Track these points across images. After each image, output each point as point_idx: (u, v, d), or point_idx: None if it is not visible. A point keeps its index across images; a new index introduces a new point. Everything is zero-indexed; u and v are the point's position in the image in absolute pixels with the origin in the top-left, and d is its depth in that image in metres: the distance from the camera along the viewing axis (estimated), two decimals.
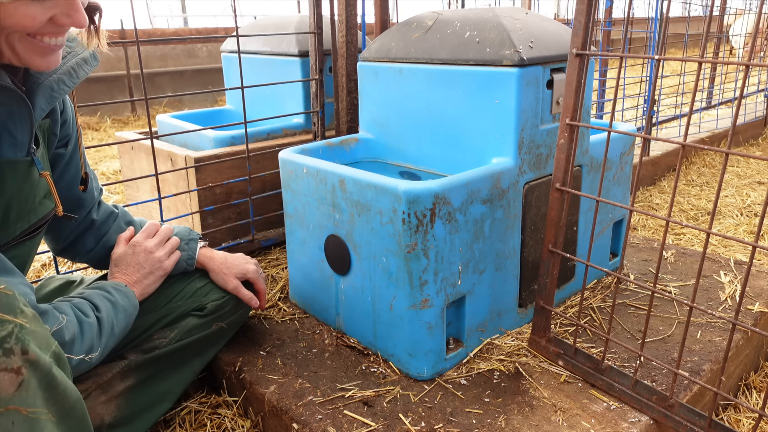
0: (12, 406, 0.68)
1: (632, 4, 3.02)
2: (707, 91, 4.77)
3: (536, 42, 1.35)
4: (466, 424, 1.15)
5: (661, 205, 2.94)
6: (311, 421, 1.17)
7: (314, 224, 1.45)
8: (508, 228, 1.39)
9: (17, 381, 0.69)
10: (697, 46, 9.66)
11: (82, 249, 1.33)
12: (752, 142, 4.37)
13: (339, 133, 2.13)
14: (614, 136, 1.64)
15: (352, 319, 1.44)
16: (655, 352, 1.38)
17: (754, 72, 5.85)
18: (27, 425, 0.69)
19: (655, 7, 3.29)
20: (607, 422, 1.14)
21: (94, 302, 1.11)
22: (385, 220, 1.24)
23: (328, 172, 1.36)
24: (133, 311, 1.20)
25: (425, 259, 1.22)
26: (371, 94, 1.63)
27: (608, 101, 3.77)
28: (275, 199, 2.05)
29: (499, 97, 1.33)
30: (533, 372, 1.31)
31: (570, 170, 1.26)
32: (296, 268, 1.58)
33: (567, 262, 1.58)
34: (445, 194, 1.21)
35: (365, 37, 2.22)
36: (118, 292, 1.18)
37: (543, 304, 1.34)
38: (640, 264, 1.86)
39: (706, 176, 3.42)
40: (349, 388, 1.27)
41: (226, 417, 1.36)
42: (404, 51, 1.51)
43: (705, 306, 1.55)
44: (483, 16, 1.41)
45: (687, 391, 1.23)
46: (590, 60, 1.27)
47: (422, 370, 1.29)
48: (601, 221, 1.69)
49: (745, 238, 2.51)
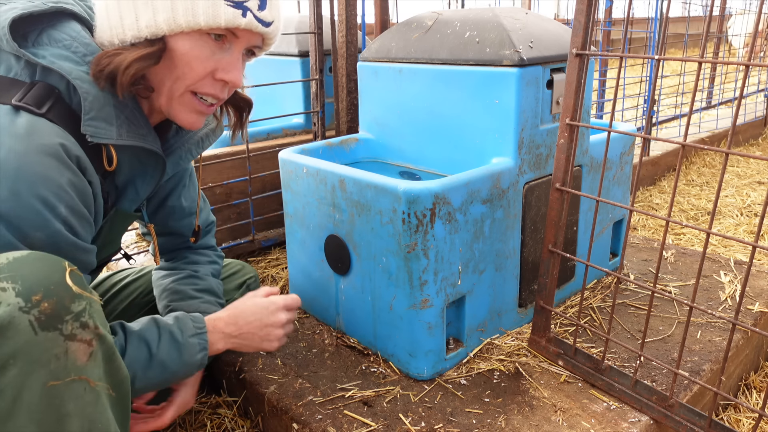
0: (84, 376, 0.72)
1: (632, 4, 3.02)
2: (707, 91, 4.77)
3: (536, 42, 1.35)
4: (466, 424, 1.15)
5: (661, 205, 2.94)
6: (311, 421, 1.17)
7: (314, 224, 1.45)
8: (508, 228, 1.39)
9: (89, 352, 0.73)
10: (697, 46, 9.66)
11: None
12: (752, 142, 4.37)
13: (339, 133, 2.13)
14: (614, 136, 1.64)
15: (352, 319, 1.44)
16: (655, 352, 1.38)
17: (754, 72, 5.85)
18: (93, 396, 0.74)
19: (655, 7, 3.29)
20: (607, 422, 1.14)
21: (130, 343, 0.99)
22: (385, 220, 1.24)
23: (328, 172, 1.36)
24: (180, 369, 1.02)
25: (425, 259, 1.22)
26: (371, 94, 1.63)
27: (608, 101, 3.77)
28: (275, 199, 2.05)
29: (499, 97, 1.33)
30: (533, 372, 1.31)
31: (570, 170, 1.26)
32: (296, 268, 1.58)
33: (567, 262, 1.58)
34: (445, 194, 1.21)
35: (365, 37, 2.22)
36: (173, 342, 1.02)
37: (543, 304, 1.34)
38: (640, 264, 1.86)
39: (706, 176, 3.42)
40: (349, 388, 1.27)
41: (226, 417, 1.36)
42: (404, 51, 1.51)
43: (705, 306, 1.55)
44: (483, 16, 1.41)
45: (687, 391, 1.23)
46: (590, 60, 1.27)
47: (422, 370, 1.29)
48: (601, 221, 1.69)
49: (745, 238, 2.51)
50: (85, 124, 0.87)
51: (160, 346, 0.99)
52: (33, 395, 0.68)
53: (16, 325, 0.67)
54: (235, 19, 0.90)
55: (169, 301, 1.23)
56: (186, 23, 0.88)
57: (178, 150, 1.10)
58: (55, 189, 0.81)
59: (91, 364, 0.74)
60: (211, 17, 0.88)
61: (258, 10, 0.92)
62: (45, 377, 0.69)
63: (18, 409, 0.68)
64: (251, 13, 0.92)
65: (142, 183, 1.04)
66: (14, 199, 0.77)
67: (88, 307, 0.74)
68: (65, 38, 0.89)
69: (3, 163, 0.77)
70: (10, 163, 0.77)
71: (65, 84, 0.88)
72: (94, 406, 0.74)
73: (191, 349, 1.03)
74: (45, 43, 0.87)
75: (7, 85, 0.85)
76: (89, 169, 0.88)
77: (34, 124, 0.82)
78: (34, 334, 0.68)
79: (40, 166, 0.79)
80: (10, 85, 0.85)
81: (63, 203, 0.82)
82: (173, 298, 1.24)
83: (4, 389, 0.67)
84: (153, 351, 0.98)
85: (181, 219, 1.27)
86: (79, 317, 0.73)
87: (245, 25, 0.91)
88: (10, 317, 0.67)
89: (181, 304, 1.22)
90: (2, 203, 0.77)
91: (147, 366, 0.98)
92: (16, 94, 0.84)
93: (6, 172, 0.77)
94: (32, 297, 0.69)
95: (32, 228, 0.79)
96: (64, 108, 0.87)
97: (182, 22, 0.88)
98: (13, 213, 0.78)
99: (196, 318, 1.07)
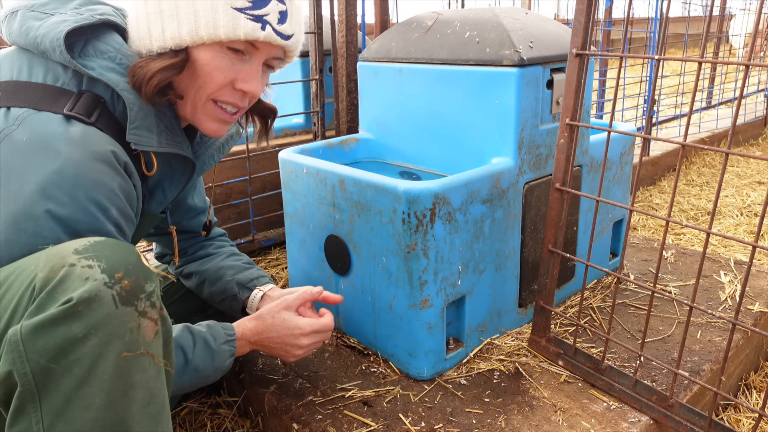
0: (150, 351, 0.77)
1: (632, 4, 3.02)
2: (707, 91, 4.77)
3: (536, 42, 1.35)
4: (466, 424, 1.15)
5: (661, 205, 2.94)
6: (311, 421, 1.17)
7: (314, 224, 1.45)
8: (508, 228, 1.39)
9: (155, 330, 0.78)
10: (697, 46, 9.66)
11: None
12: (752, 142, 4.37)
13: (339, 133, 2.13)
14: (614, 136, 1.64)
15: (352, 319, 1.44)
16: (655, 352, 1.38)
17: (754, 72, 5.85)
18: (156, 370, 0.78)
19: (655, 7, 3.29)
20: (607, 422, 1.14)
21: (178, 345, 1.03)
22: (385, 220, 1.24)
23: (328, 172, 1.36)
24: (211, 374, 1.08)
25: (425, 259, 1.22)
26: (371, 94, 1.63)
27: (608, 101, 3.77)
28: (275, 199, 2.05)
29: (499, 97, 1.33)
30: (533, 372, 1.31)
31: (570, 170, 1.26)
32: (296, 268, 1.58)
33: (567, 262, 1.58)
34: (445, 194, 1.21)
35: (365, 37, 2.22)
36: (207, 349, 1.06)
37: (543, 304, 1.34)
38: (640, 264, 1.86)
39: (706, 176, 3.42)
40: (349, 388, 1.27)
41: (226, 417, 1.36)
42: (404, 51, 1.51)
43: (705, 306, 1.55)
44: (483, 16, 1.41)
45: (687, 391, 1.23)
46: (590, 60, 1.27)
47: (422, 370, 1.29)
48: (601, 221, 1.69)
49: (745, 238, 2.51)
50: (131, 133, 0.93)
51: (195, 353, 1.04)
52: (108, 364, 0.72)
53: (101, 298, 0.72)
54: (254, 32, 0.94)
55: (233, 274, 1.32)
56: (207, 35, 0.93)
57: (203, 155, 1.16)
58: (108, 193, 0.87)
59: (156, 342, 0.78)
60: (231, 30, 0.93)
61: (277, 24, 0.96)
62: (120, 348, 0.73)
63: (92, 377, 0.71)
64: (270, 27, 0.95)
65: (169, 186, 1.10)
66: (72, 203, 0.83)
67: (156, 289, 0.79)
68: (110, 50, 0.94)
69: (62, 170, 0.82)
70: (68, 170, 0.83)
71: (110, 93, 0.94)
72: (155, 380, 0.78)
73: (223, 355, 1.09)
74: (91, 54, 0.92)
75: (56, 94, 0.90)
76: (134, 174, 0.94)
77: (87, 133, 0.87)
78: (115, 308, 0.73)
79: (94, 173, 0.85)
80: (59, 94, 0.90)
81: (114, 206, 0.88)
82: (231, 272, 1.33)
83: (83, 357, 0.71)
84: (189, 357, 1.03)
85: (195, 217, 1.36)
86: (150, 297, 0.78)
87: (264, 38, 0.95)
88: (97, 290, 0.72)
89: (244, 274, 1.32)
90: (62, 207, 0.82)
91: (182, 371, 1.02)
92: (66, 103, 0.89)
93: (65, 178, 0.82)
94: (115, 274, 0.74)
95: (87, 230, 0.84)
96: (109, 117, 0.93)
97: (204, 34, 0.93)
98: (71, 216, 0.83)
99: (226, 326, 1.13)
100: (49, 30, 0.90)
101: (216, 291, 1.32)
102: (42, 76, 0.91)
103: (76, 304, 0.70)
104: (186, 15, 0.92)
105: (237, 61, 0.97)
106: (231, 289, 1.30)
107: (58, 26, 0.90)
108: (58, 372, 0.70)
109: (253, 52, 0.98)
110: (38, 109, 0.87)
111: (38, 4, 0.95)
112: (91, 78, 0.92)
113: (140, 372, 0.75)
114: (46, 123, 0.85)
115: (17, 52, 0.94)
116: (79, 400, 0.71)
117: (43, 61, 0.92)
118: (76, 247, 0.76)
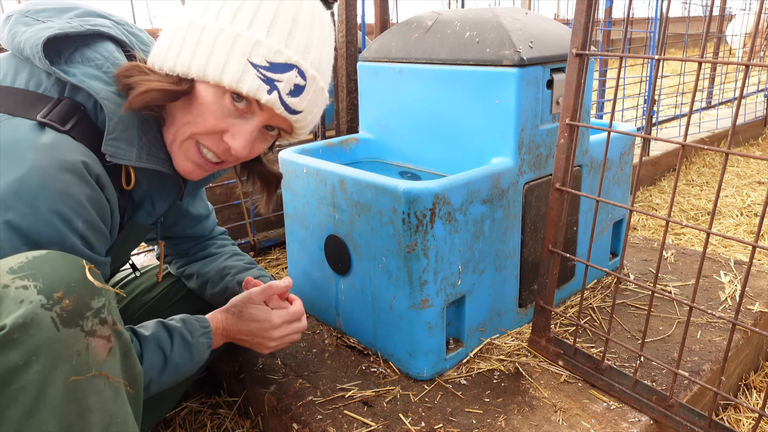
0: (103, 372, 0.73)
1: (632, 4, 3.02)
2: (707, 91, 4.77)
3: (536, 42, 1.35)
4: (466, 424, 1.15)
5: (661, 205, 2.94)
6: (311, 421, 1.17)
7: (314, 224, 1.45)
8: (508, 228, 1.39)
9: (108, 348, 0.74)
10: (697, 46, 9.66)
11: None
12: (752, 142, 4.37)
13: (339, 133, 2.13)
14: (614, 136, 1.64)
15: (352, 319, 1.44)
16: (655, 352, 1.38)
17: (754, 72, 5.85)
18: (112, 391, 0.75)
19: (655, 7, 3.29)
20: (607, 422, 1.14)
21: (146, 349, 1.01)
22: (385, 220, 1.24)
23: (328, 172, 1.36)
24: (190, 368, 1.07)
25: (425, 259, 1.22)
26: (371, 94, 1.63)
27: (608, 101, 3.77)
28: (275, 199, 2.05)
29: (499, 97, 1.33)
30: (533, 372, 1.31)
31: (570, 170, 1.26)
32: (296, 268, 1.58)
33: (567, 262, 1.58)
34: (445, 194, 1.21)
35: (365, 37, 2.22)
36: (184, 344, 1.06)
37: (543, 304, 1.34)
38: (640, 264, 1.86)
39: (706, 176, 3.42)
40: (349, 388, 1.27)
41: (226, 417, 1.36)
42: (404, 51, 1.51)
43: (705, 306, 1.55)
44: (483, 16, 1.41)
45: (687, 391, 1.23)
46: (590, 60, 1.27)
47: (422, 370, 1.29)
48: (601, 221, 1.69)
49: (745, 238, 2.51)
50: (107, 144, 0.88)
51: (173, 350, 1.03)
52: (56, 391, 0.69)
53: (38, 322, 0.68)
54: (258, 91, 0.90)
55: (234, 274, 1.32)
56: (212, 76, 0.89)
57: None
58: (73, 205, 0.82)
59: (110, 360, 0.75)
60: (236, 80, 0.89)
61: (287, 95, 0.92)
62: (67, 373, 0.70)
63: (41, 405, 0.69)
64: (278, 94, 0.91)
65: (159, 199, 1.06)
66: (34, 214, 0.79)
67: (107, 304, 0.76)
68: (98, 58, 0.91)
69: (26, 179, 0.78)
70: (32, 179, 0.79)
71: (93, 102, 0.90)
72: (113, 401, 0.75)
73: (200, 348, 1.08)
74: (77, 61, 0.89)
75: (34, 100, 0.86)
76: (108, 186, 0.89)
77: (58, 141, 0.83)
78: (56, 331, 0.69)
79: (60, 183, 0.80)
80: (37, 100, 0.87)
81: (81, 218, 0.84)
82: (233, 272, 1.33)
83: (27, 385, 0.68)
84: (168, 354, 1.02)
85: (198, 224, 1.36)
86: (99, 313, 0.74)
87: (266, 102, 0.91)
88: (33, 314, 0.68)
89: (245, 274, 1.32)
90: (22, 218, 0.78)
91: (163, 369, 1.01)
92: (42, 109, 0.85)
93: (28, 187, 0.78)
94: (54, 294, 0.70)
95: (49, 242, 0.80)
96: (89, 125, 0.88)
97: (209, 73, 0.89)
98: (32, 228, 0.79)
99: (200, 318, 1.11)
100: (31, 36, 0.87)
101: (218, 292, 1.32)
102: (25, 82, 0.88)
103: (11, 331, 0.66)
104: (203, 49, 0.89)
105: (235, 114, 0.93)
106: (233, 289, 1.30)
107: (40, 32, 0.87)
108: (3, 403, 0.67)
109: (256, 112, 0.94)
110: (13, 115, 0.84)
111: (33, 10, 0.92)
112: (73, 85, 0.88)
113: (95, 394, 0.72)
114: (16, 129, 0.82)
115: (8, 57, 0.92)
116: (32, 428, 0.68)
117: (30, 66, 0.89)
118: (11, 265, 0.71)
